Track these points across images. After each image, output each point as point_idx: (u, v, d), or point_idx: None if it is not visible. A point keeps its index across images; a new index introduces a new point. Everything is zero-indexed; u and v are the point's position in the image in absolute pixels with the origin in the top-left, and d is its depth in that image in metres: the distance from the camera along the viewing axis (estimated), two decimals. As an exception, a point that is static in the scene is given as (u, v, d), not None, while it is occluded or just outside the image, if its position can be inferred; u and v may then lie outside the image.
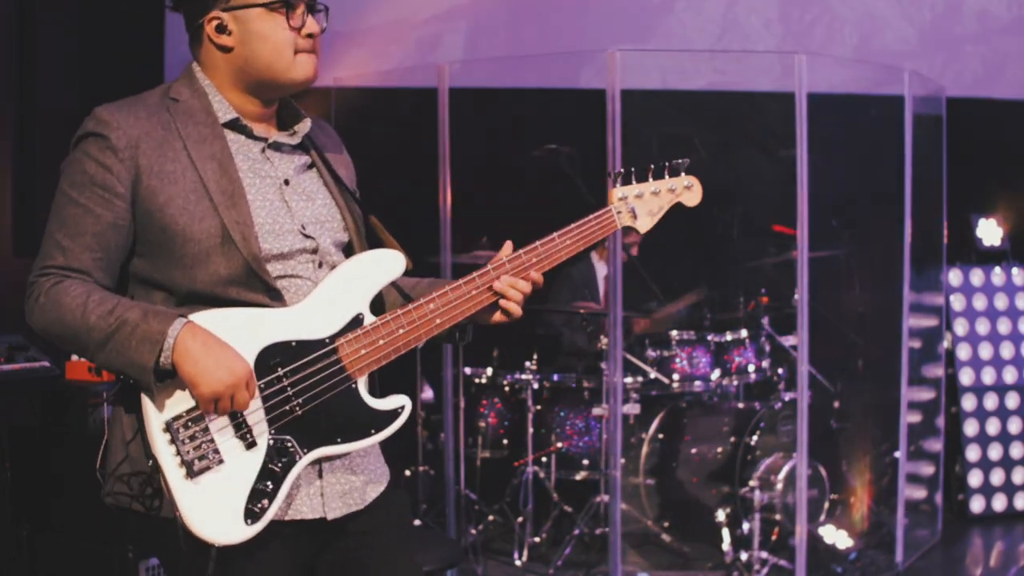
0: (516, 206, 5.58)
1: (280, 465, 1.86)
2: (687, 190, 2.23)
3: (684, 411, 5.15)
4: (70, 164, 1.89)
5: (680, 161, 2.21)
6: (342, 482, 1.98)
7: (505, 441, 5.15)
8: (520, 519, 4.90)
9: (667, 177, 2.21)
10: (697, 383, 5.10)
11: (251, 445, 1.85)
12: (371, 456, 2.05)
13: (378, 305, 2.06)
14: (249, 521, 1.82)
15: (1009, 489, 5.81)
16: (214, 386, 1.78)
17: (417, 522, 4.93)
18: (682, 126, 5.73)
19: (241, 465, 1.84)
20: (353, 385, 1.92)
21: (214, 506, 1.81)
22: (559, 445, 4.97)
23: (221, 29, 1.94)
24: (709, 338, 5.13)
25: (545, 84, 5.95)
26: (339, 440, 1.91)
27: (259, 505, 1.83)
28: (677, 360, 5.10)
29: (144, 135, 1.88)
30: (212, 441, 1.83)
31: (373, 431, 1.94)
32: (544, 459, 4.96)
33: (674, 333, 5.14)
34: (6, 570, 3.61)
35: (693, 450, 5.04)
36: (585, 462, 4.97)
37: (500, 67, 5.81)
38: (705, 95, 6.07)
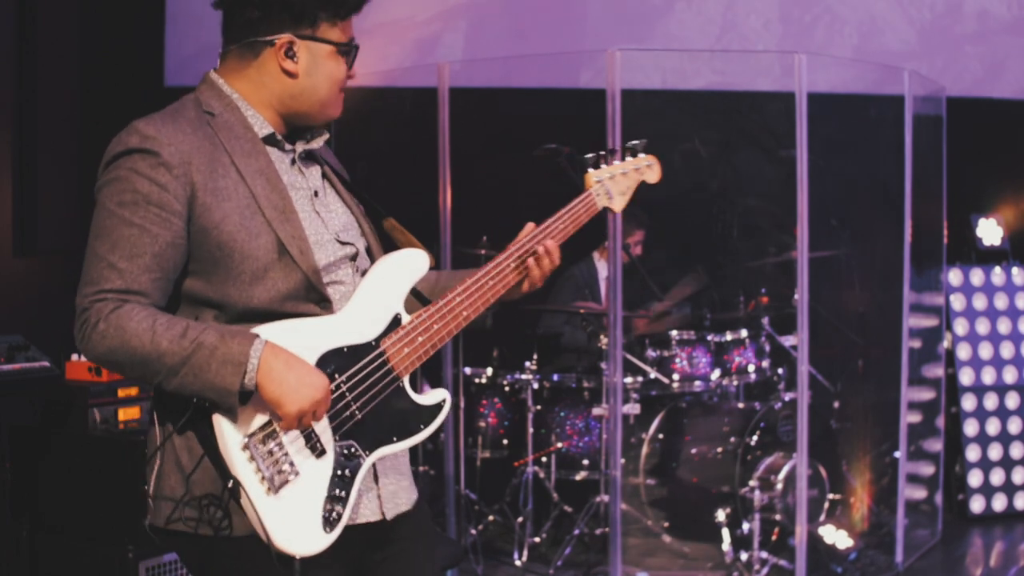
0: (516, 206, 5.56)
1: (348, 470, 1.88)
2: (648, 168, 2.45)
3: (684, 411, 5.15)
4: (116, 182, 1.82)
5: (636, 142, 2.41)
6: (392, 482, 2.02)
7: (505, 441, 5.15)
8: (520, 519, 4.90)
9: (630, 158, 2.41)
10: (697, 383, 5.10)
11: (321, 454, 1.86)
12: (404, 456, 2.08)
13: (407, 306, 2.08)
14: (328, 529, 1.84)
15: (1009, 489, 5.81)
16: (301, 404, 1.78)
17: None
18: (682, 126, 5.73)
19: (315, 475, 1.85)
20: (401, 384, 1.96)
21: (296, 519, 1.82)
22: (559, 445, 4.97)
23: (291, 54, 1.94)
24: (709, 338, 5.13)
25: (545, 84, 5.95)
26: (395, 439, 1.95)
27: (335, 512, 1.85)
28: (677, 360, 5.10)
29: (195, 151, 1.85)
30: (287, 455, 1.83)
31: (422, 426, 1.98)
32: (544, 459, 4.96)
33: (674, 333, 5.14)
34: (6, 570, 3.61)
35: (693, 450, 5.04)
36: (585, 462, 4.97)
37: (500, 67, 5.81)
38: (705, 95, 6.07)
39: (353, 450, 1.89)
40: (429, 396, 2.01)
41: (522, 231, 2.18)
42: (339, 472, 1.87)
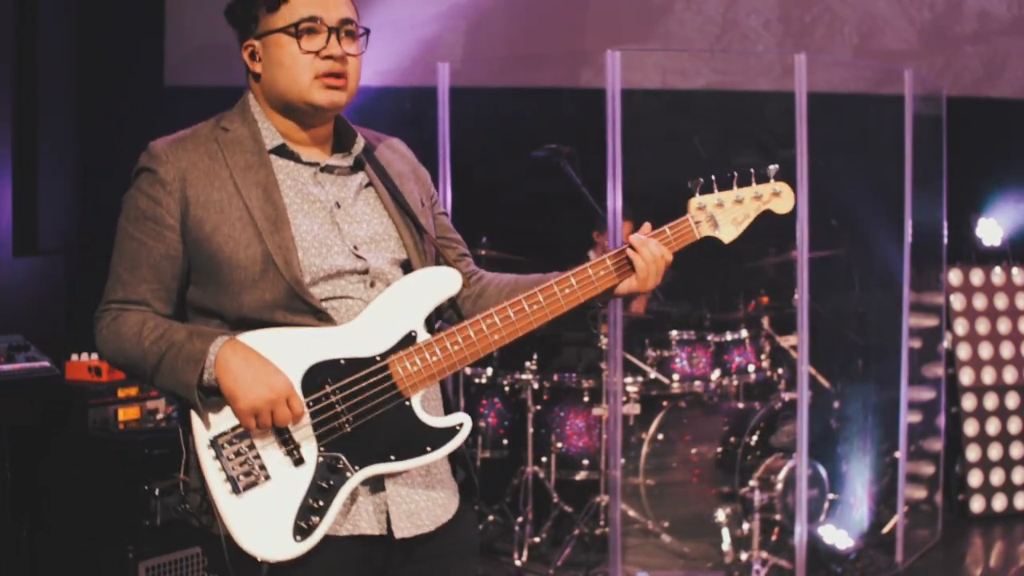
0: (516, 206, 5.60)
1: (331, 482, 1.85)
2: (775, 196, 2.13)
3: (684, 411, 5.15)
4: (127, 200, 1.97)
5: (770, 168, 2.11)
6: (408, 501, 1.95)
7: (505, 441, 5.15)
8: (520, 519, 4.89)
9: (753, 184, 2.11)
10: (697, 383, 5.10)
11: (299, 461, 1.86)
12: (439, 477, 2.02)
13: (435, 323, 2.05)
14: (299, 538, 1.83)
15: (1009, 489, 5.81)
16: (252, 400, 1.81)
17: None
18: (682, 126, 5.73)
19: (289, 481, 1.85)
20: (407, 402, 1.91)
21: (262, 522, 1.82)
22: (559, 445, 4.97)
23: (254, 56, 1.99)
24: (709, 338, 5.13)
25: (545, 84, 5.95)
26: (392, 458, 1.89)
27: (309, 522, 1.83)
28: (677, 360, 5.10)
29: (191, 166, 1.93)
30: (258, 457, 1.85)
31: (428, 449, 1.91)
32: (544, 459, 4.96)
33: (674, 333, 5.13)
34: (6, 570, 3.61)
35: (693, 450, 5.04)
36: (585, 462, 4.97)
37: (500, 67, 5.81)
38: (705, 95, 6.07)
39: (339, 463, 1.86)
40: (444, 419, 1.94)
41: (597, 253, 2.07)
42: (319, 482, 1.85)
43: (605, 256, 2.01)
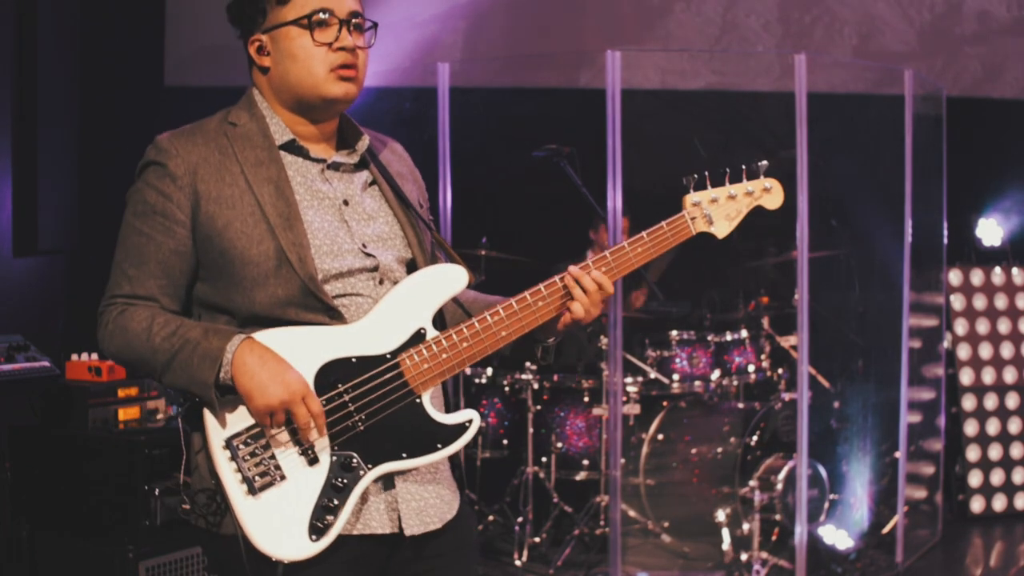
0: (516, 206, 5.60)
1: (345, 481, 1.86)
2: (767, 192, 2.17)
3: (684, 411, 5.15)
4: (134, 194, 1.94)
5: (758, 164, 2.16)
6: (417, 499, 1.96)
7: (505, 441, 5.15)
8: (520, 519, 4.90)
9: (745, 180, 2.15)
10: (697, 383, 5.10)
11: (313, 461, 1.86)
12: (443, 474, 2.04)
13: (441, 323, 2.05)
14: (314, 537, 1.83)
15: (1009, 489, 5.81)
16: (268, 399, 1.80)
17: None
18: (682, 126, 5.73)
19: (304, 481, 1.85)
20: (417, 400, 1.91)
21: (278, 522, 1.82)
22: (559, 445, 4.97)
23: (261, 51, 1.98)
24: (709, 338, 5.13)
25: (545, 84, 5.95)
26: (404, 455, 1.90)
27: (324, 521, 1.83)
28: (677, 360, 5.10)
29: (202, 161, 1.91)
30: (273, 458, 1.84)
31: (439, 446, 1.92)
32: (544, 459, 4.96)
33: (674, 333, 5.14)
34: (6, 570, 3.61)
35: (693, 450, 5.04)
36: (585, 462, 4.97)
37: (500, 67, 5.81)
38: (705, 95, 6.07)
39: (353, 461, 1.86)
40: (453, 415, 1.95)
41: (596, 252, 2.06)
42: (334, 481, 1.85)
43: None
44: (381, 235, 2.00)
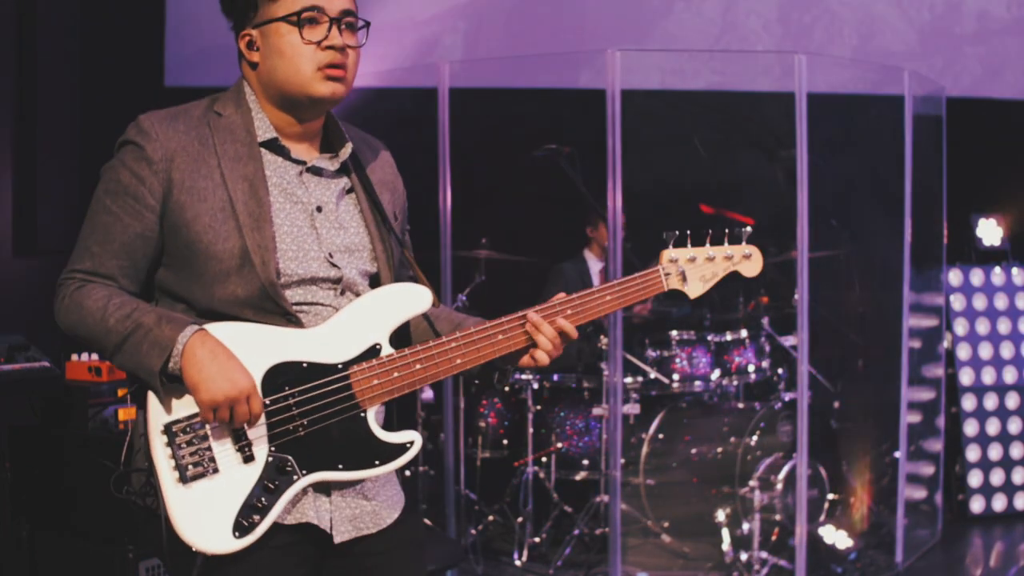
0: (516, 206, 5.60)
1: (277, 483, 1.85)
2: (746, 259, 2.17)
3: (684, 411, 5.15)
4: (108, 170, 1.92)
5: (742, 230, 2.17)
6: (352, 506, 1.96)
7: (505, 441, 5.15)
8: (520, 519, 4.89)
9: (725, 244, 2.15)
10: (697, 383, 5.10)
11: (249, 459, 1.85)
12: (385, 483, 2.03)
13: (404, 337, 2.04)
14: (238, 534, 1.82)
15: (1009, 489, 5.81)
16: (214, 394, 1.79)
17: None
18: (682, 126, 5.73)
19: (236, 477, 1.84)
20: (362, 414, 1.91)
21: (204, 514, 1.82)
22: (559, 445, 4.97)
23: (251, 45, 1.97)
24: (709, 338, 5.13)
25: (545, 84, 5.95)
26: (340, 467, 1.89)
27: (250, 520, 1.83)
28: (677, 360, 5.10)
29: (180, 149, 1.89)
30: (209, 449, 1.84)
31: (377, 462, 1.91)
32: (544, 459, 4.96)
33: (674, 333, 5.14)
34: (6, 570, 3.61)
35: (693, 450, 5.04)
36: (585, 462, 4.97)
37: (500, 67, 5.81)
38: (705, 95, 6.07)
39: (287, 466, 1.86)
40: (396, 435, 1.93)
41: (556, 297, 2.02)
42: (266, 482, 1.85)
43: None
44: (350, 246, 1.99)
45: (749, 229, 2.16)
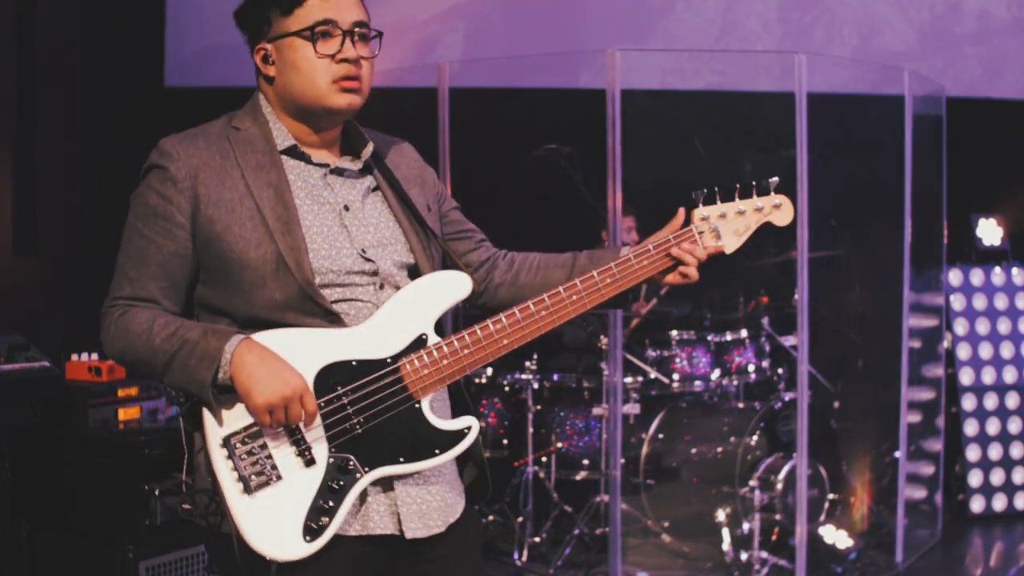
0: (516, 206, 5.59)
1: (341, 483, 1.86)
2: (776, 209, 2.18)
3: (684, 411, 5.15)
4: (136, 197, 1.95)
5: (769, 181, 2.17)
6: (418, 501, 1.96)
7: (505, 441, 5.15)
8: (520, 519, 4.90)
9: (754, 196, 2.16)
10: (697, 383, 5.10)
11: (310, 462, 1.86)
12: (447, 477, 2.03)
13: (442, 327, 2.06)
14: (308, 538, 1.83)
15: (1009, 489, 5.81)
16: (267, 396, 1.81)
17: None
18: (682, 126, 5.73)
19: (300, 482, 1.85)
20: (416, 405, 1.92)
21: (273, 522, 1.83)
22: (559, 445, 4.97)
23: (266, 59, 1.99)
24: (709, 338, 5.13)
25: (545, 84, 5.95)
26: (402, 460, 1.91)
27: (319, 522, 1.84)
28: (677, 360, 5.10)
29: (203, 165, 1.92)
30: (270, 457, 1.85)
31: (437, 451, 1.93)
32: (544, 459, 4.96)
33: (674, 333, 5.13)
34: (6, 570, 3.61)
35: (693, 450, 5.04)
36: (585, 462, 4.97)
37: (500, 67, 5.80)
38: (705, 95, 6.07)
39: (350, 464, 1.87)
40: (453, 422, 1.96)
41: (602, 262, 2.08)
42: (330, 483, 1.86)
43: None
44: (382, 240, 2.00)
45: (776, 179, 2.16)
